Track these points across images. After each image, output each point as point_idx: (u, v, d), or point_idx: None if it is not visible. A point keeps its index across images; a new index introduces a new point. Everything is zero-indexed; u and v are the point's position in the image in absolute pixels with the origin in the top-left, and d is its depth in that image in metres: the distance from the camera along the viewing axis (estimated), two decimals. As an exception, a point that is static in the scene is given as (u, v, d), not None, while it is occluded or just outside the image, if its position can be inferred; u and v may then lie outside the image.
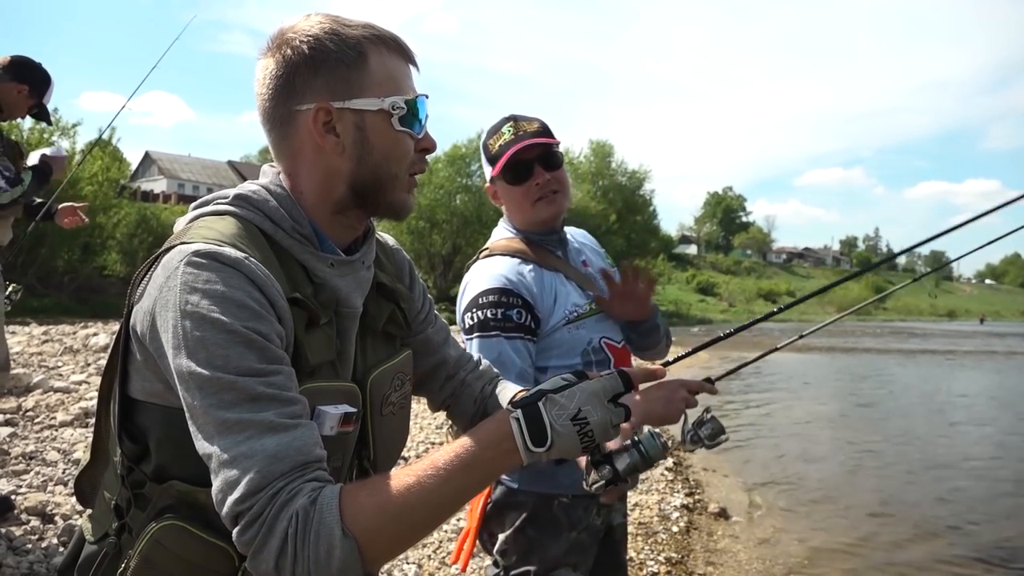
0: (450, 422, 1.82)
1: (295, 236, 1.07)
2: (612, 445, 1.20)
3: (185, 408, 0.93)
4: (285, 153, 1.10)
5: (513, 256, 1.87)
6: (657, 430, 1.18)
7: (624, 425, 1.04)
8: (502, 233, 1.98)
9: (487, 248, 1.95)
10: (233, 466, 0.89)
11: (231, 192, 1.10)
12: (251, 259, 0.97)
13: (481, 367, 1.46)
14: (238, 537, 0.89)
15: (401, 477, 0.94)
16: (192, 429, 0.93)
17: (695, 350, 1.83)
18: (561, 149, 1.96)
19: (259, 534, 0.88)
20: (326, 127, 1.05)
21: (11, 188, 3.47)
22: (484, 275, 1.83)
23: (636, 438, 1.16)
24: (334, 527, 0.88)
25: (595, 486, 1.15)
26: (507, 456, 0.96)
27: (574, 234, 2.08)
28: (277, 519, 0.88)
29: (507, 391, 1.40)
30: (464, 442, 0.96)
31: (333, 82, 1.05)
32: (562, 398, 0.98)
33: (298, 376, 1.00)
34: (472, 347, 1.76)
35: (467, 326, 1.81)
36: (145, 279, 1.01)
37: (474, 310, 1.79)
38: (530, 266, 1.85)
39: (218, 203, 1.09)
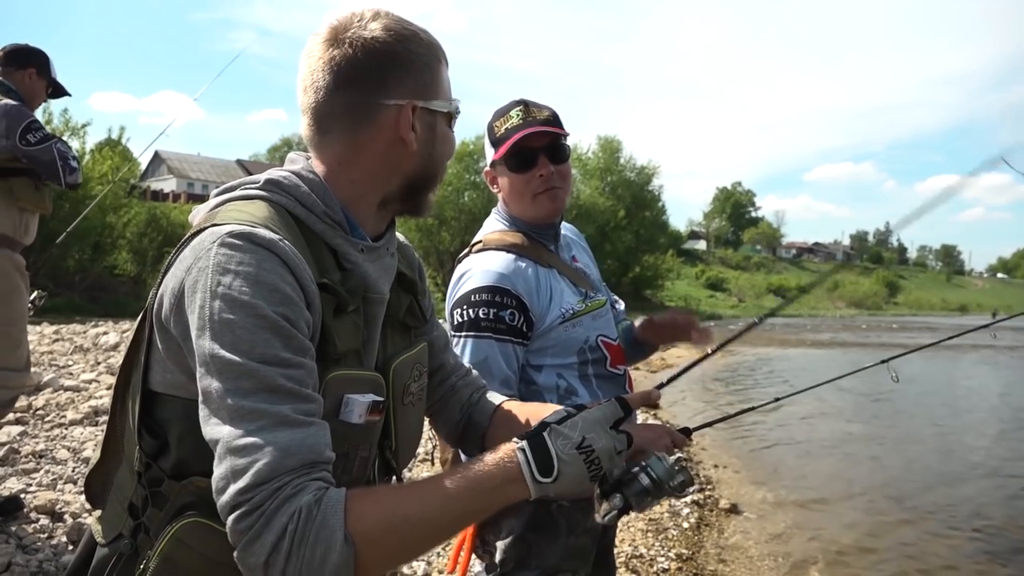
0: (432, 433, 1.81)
1: (327, 221, 1.08)
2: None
3: (200, 390, 0.92)
4: (346, 142, 1.09)
5: (508, 251, 1.78)
6: (664, 454, 1.12)
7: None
8: (495, 224, 1.90)
9: (480, 241, 1.86)
10: (242, 455, 0.87)
11: (261, 177, 1.10)
12: (285, 241, 0.97)
13: (471, 375, 1.44)
14: (232, 525, 0.87)
15: (407, 492, 0.94)
16: (203, 413, 0.92)
17: (686, 369, 1.77)
18: (569, 144, 1.89)
19: (255, 525, 0.86)
20: (409, 124, 1.08)
21: (80, 168, 3.50)
22: (478, 270, 1.75)
23: (644, 462, 1.12)
24: (336, 530, 0.86)
25: (607, 517, 1.12)
26: (514, 486, 0.97)
27: (565, 233, 2.02)
28: (278, 513, 0.86)
29: (493, 399, 1.39)
30: (473, 467, 0.96)
31: (421, 82, 1.09)
32: (566, 428, 0.99)
33: (325, 363, 1.00)
34: (460, 345, 1.71)
35: (456, 323, 1.73)
36: (173, 263, 1.01)
37: (465, 307, 1.72)
38: (525, 262, 1.78)
39: (247, 188, 1.09)
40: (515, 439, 0.99)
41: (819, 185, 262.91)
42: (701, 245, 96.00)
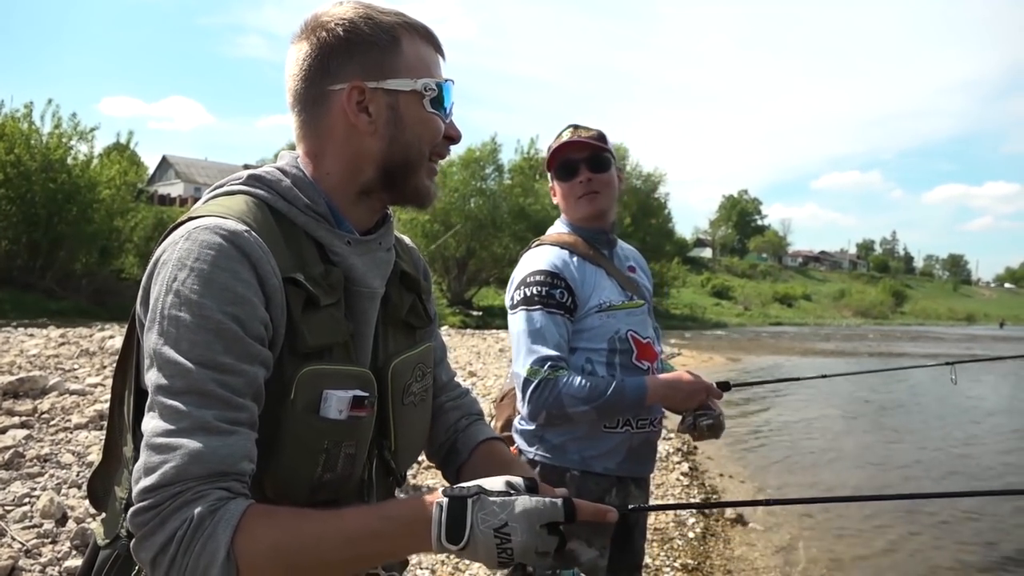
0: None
1: (309, 214, 1.07)
2: None
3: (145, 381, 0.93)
4: (314, 134, 1.10)
5: (562, 247, 2.05)
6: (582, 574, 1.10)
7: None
8: (556, 228, 2.17)
9: (538, 240, 2.14)
10: (157, 452, 0.88)
11: (245, 173, 1.10)
12: (251, 233, 0.97)
13: (464, 399, 1.41)
14: (131, 518, 0.88)
15: (307, 522, 0.92)
16: (147, 403, 0.92)
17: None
18: (612, 157, 2.14)
19: (150, 523, 0.87)
20: (359, 106, 1.07)
21: None
22: (534, 259, 2.04)
23: (559, 572, 1.06)
24: (220, 546, 0.85)
25: None
26: (418, 540, 0.93)
27: (626, 249, 2.26)
28: (172, 516, 0.86)
29: (480, 433, 1.35)
30: (381, 510, 0.95)
31: (367, 63, 1.06)
32: (494, 504, 0.92)
33: (296, 358, 0.99)
34: (516, 320, 1.98)
35: (514, 301, 2.00)
36: (152, 256, 1.01)
37: (521, 287, 1.99)
38: (576, 257, 2.04)
39: (231, 184, 1.10)
40: (441, 491, 0.95)
41: (826, 193, 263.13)
42: (707, 253, 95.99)
